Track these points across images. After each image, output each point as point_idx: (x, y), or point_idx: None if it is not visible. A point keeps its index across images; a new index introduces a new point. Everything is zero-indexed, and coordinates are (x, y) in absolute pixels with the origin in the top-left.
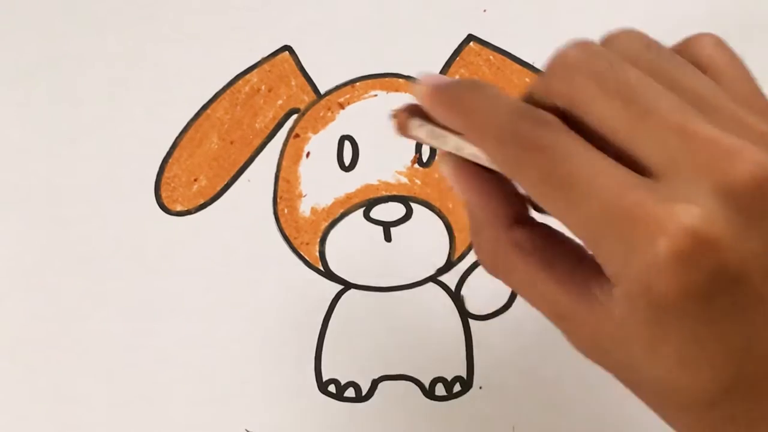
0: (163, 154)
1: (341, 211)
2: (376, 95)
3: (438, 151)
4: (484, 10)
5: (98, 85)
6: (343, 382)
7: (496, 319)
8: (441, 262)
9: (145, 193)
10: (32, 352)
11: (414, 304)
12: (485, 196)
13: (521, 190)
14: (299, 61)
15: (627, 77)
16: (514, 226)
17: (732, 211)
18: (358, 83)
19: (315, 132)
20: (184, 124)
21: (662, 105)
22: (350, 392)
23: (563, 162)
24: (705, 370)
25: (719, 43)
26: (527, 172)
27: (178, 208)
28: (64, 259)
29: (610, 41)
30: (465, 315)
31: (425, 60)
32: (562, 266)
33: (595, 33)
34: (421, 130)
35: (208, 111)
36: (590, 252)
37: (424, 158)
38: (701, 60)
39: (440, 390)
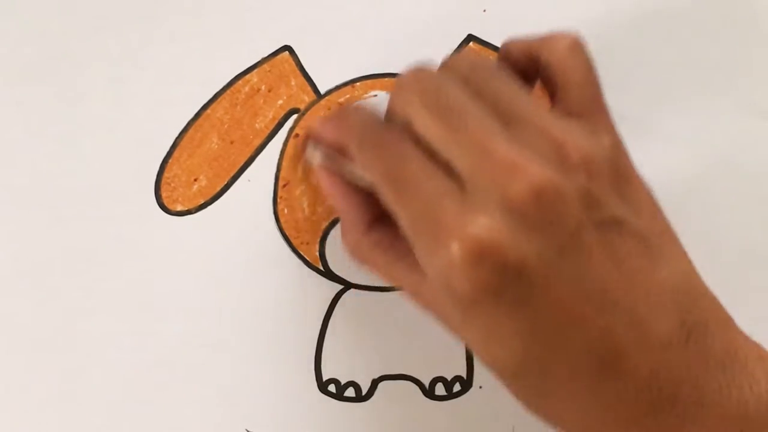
0: (163, 154)
1: None
2: (376, 95)
3: (316, 167)
4: (484, 10)
5: (98, 85)
6: (343, 382)
7: None
8: None
9: (145, 193)
10: (32, 352)
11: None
12: (348, 205)
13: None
14: (299, 61)
15: (447, 97)
16: (373, 228)
17: (513, 221)
18: (358, 83)
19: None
20: (184, 124)
21: (470, 122)
22: (350, 392)
23: (400, 164)
24: (501, 350)
25: (573, 46)
26: (374, 170)
27: (178, 208)
28: (64, 259)
29: (447, 63)
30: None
31: (425, 60)
32: (410, 256)
33: (595, 33)
34: (312, 150)
35: (208, 111)
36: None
37: None
38: (550, 60)
39: (440, 390)
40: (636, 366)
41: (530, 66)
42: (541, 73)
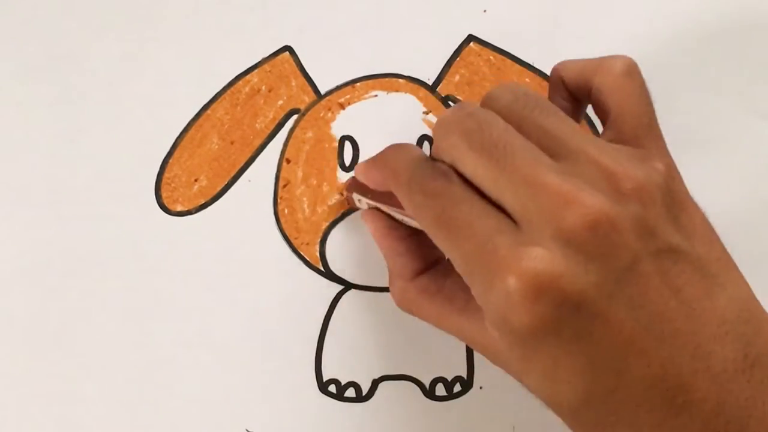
0: (163, 154)
1: (342, 211)
2: (376, 95)
3: (362, 214)
4: (484, 10)
5: (98, 85)
6: (343, 382)
7: None
8: None
9: (145, 193)
10: (32, 352)
11: None
12: (395, 252)
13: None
14: (299, 61)
15: (490, 134)
16: (420, 275)
17: (570, 252)
18: (358, 83)
19: (315, 132)
20: (185, 124)
21: (518, 157)
22: (350, 392)
23: (451, 207)
24: (563, 385)
25: (628, 72)
26: (425, 214)
27: (179, 208)
28: (64, 259)
29: (488, 97)
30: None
31: (425, 60)
32: (459, 299)
33: (594, 33)
34: (357, 199)
35: (209, 111)
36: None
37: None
38: (604, 85)
39: (440, 390)
40: (702, 398)
41: (582, 89)
42: (593, 98)
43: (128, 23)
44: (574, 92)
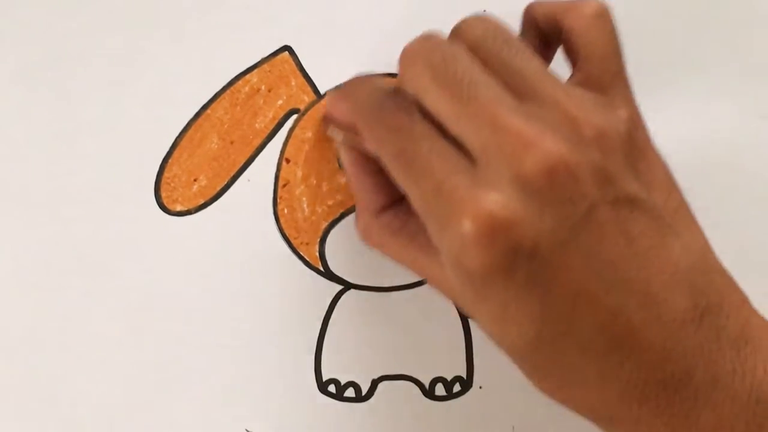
0: (163, 154)
1: (341, 211)
2: None
3: (338, 146)
4: (484, 10)
5: (98, 85)
6: (343, 382)
7: None
8: None
9: (145, 193)
10: (32, 352)
11: (414, 304)
12: (361, 187)
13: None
14: (299, 61)
15: (455, 69)
16: (384, 211)
17: (526, 197)
18: None
19: (315, 132)
20: (184, 124)
21: (481, 96)
22: (350, 392)
23: (411, 144)
24: (512, 328)
25: (598, 14)
26: (384, 149)
27: (178, 208)
28: (64, 259)
29: (458, 29)
30: (465, 315)
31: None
32: (421, 237)
33: None
34: (332, 129)
35: (208, 111)
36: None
37: None
38: (573, 27)
39: (440, 390)
40: (648, 345)
41: (553, 30)
42: (564, 40)
43: (128, 23)
44: (545, 32)
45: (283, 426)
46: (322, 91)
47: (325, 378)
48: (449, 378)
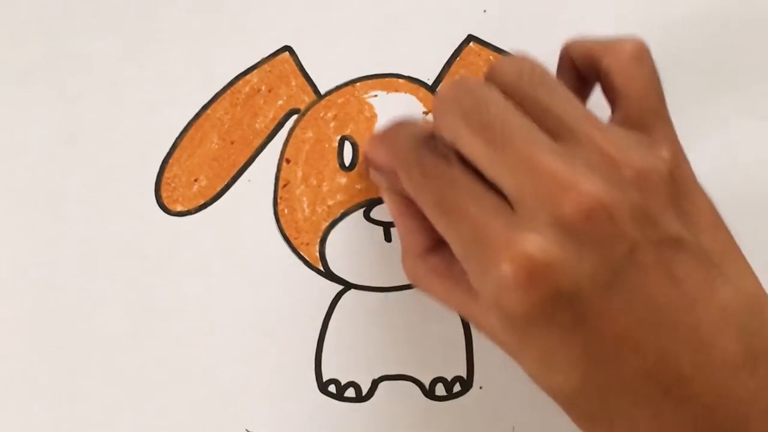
0: (163, 154)
1: (341, 211)
2: (376, 95)
3: (381, 189)
4: (484, 10)
5: (98, 85)
6: (343, 382)
7: None
8: None
9: (145, 193)
10: (32, 352)
11: (414, 304)
12: (406, 229)
13: None
14: (299, 61)
15: (488, 113)
16: (430, 253)
17: (565, 239)
18: (358, 83)
19: (315, 132)
20: (184, 124)
21: (516, 138)
22: (350, 392)
23: (448, 190)
24: (557, 373)
25: (637, 55)
26: (423, 196)
27: (178, 208)
28: (64, 259)
29: (492, 71)
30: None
31: (425, 60)
32: (466, 280)
33: (595, 33)
34: (374, 173)
35: (208, 111)
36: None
37: None
38: (612, 67)
39: (440, 390)
40: (701, 391)
41: (590, 70)
42: (602, 79)
43: (128, 23)
44: (582, 72)
45: (283, 426)
46: (322, 91)
47: (325, 378)
48: (449, 378)
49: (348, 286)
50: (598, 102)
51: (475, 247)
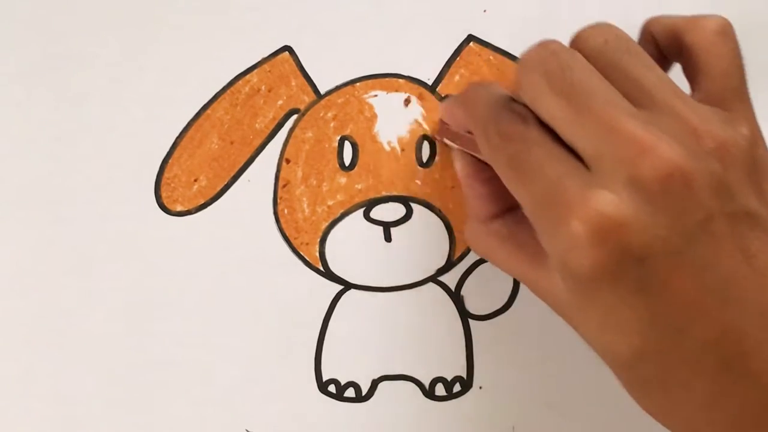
0: (163, 154)
1: (341, 211)
2: (376, 95)
3: (452, 154)
4: (484, 10)
5: (98, 85)
6: (343, 382)
7: (496, 319)
8: (441, 262)
9: (145, 193)
10: (32, 352)
11: (414, 304)
12: (473, 193)
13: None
14: (299, 61)
15: (572, 77)
16: (494, 220)
17: (640, 201)
18: (358, 83)
19: (315, 132)
20: (184, 124)
21: (598, 103)
22: (350, 392)
23: (524, 150)
24: (618, 336)
25: (721, 31)
26: (498, 156)
27: (178, 208)
28: (64, 259)
29: (578, 37)
30: (465, 315)
31: (425, 60)
32: (529, 246)
33: None
34: (447, 141)
35: (208, 111)
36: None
37: (424, 158)
38: (695, 43)
39: (440, 390)
40: (761, 369)
41: (672, 46)
42: (684, 55)
43: (128, 23)
44: (663, 49)
45: (283, 426)
46: (322, 91)
47: (325, 378)
48: (449, 378)
49: (348, 286)
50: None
51: (548, 205)
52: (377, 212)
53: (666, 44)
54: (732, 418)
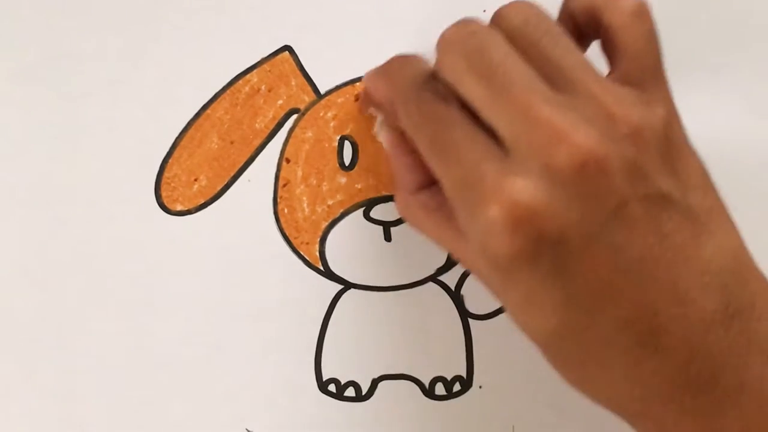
0: (163, 154)
1: (341, 211)
2: None
3: (377, 122)
4: (484, 11)
5: (98, 85)
6: (343, 382)
7: (496, 319)
8: (441, 261)
9: (145, 193)
10: (32, 352)
11: (414, 304)
12: (401, 164)
13: None
14: (299, 61)
15: (491, 57)
16: (422, 190)
17: (555, 187)
18: (358, 83)
19: (315, 132)
20: (184, 124)
21: (516, 85)
22: (350, 392)
23: (444, 131)
24: (537, 316)
25: (638, 11)
26: (420, 135)
27: (178, 208)
28: (64, 259)
29: (498, 15)
30: (465, 315)
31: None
32: (455, 219)
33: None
34: (371, 109)
35: (208, 111)
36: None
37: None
38: (612, 23)
39: (440, 390)
40: (675, 344)
41: (590, 25)
42: (602, 35)
43: (128, 23)
44: (582, 27)
45: (283, 426)
46: (322, 91)
47: (325, 378)
48: (449, 378)
49: (348, 285)
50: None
51: (466, 190)
52: (377, 212)
53: (584, 22)
54: (648, 390)
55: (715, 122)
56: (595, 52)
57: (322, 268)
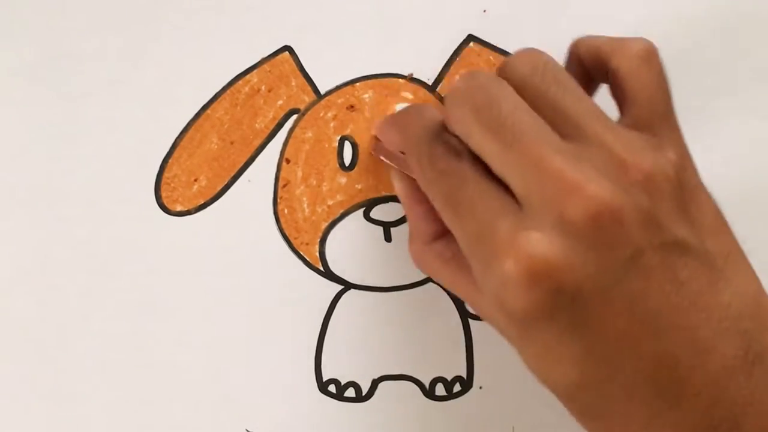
0: (163, 154)
1: (341, 211)
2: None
3: (391, 172)
4: (484, 10)
5: (98, 85)
6: (343, 382)
7: None
8: None
9: (145, 193)
10: (32, 352)
11: (414, 304)
12: (415, 214)
13: None
14: (299, 61)
15: (499, 110)
16: (437, 239)
17: (570, 240)
18: (358, 83)
19: (315, 132)
20: (184, 124)
21: (526, 137)
22: (350, 392)
23: (458, 187)
24: (556, 370)
25: (646, 57)
26: (434, 191)
27: (178, 208)
28: (64, 259)
29: (505, 66)
30: (465, 315)
31: (425, 60)
32: (471, 268)
33: (595, 33)
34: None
35: (208, 111)
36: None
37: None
38: (621, 68)
39: (440, 390)
40: (696, 393)
41: (598, 69)
42: (610, 79)
43: (128, 23)
44: (590, 71)
45: (283, 426)
46: (322, 91)
47: (325, 378)
48: (449, 378)
49: (348, 286)
50: (603, 101)
51: (480, 244)
52: (377, 212)
53: (592, 67)
54: None
55: (715, 124)
56: (604, 94)
57: (322, 269)
